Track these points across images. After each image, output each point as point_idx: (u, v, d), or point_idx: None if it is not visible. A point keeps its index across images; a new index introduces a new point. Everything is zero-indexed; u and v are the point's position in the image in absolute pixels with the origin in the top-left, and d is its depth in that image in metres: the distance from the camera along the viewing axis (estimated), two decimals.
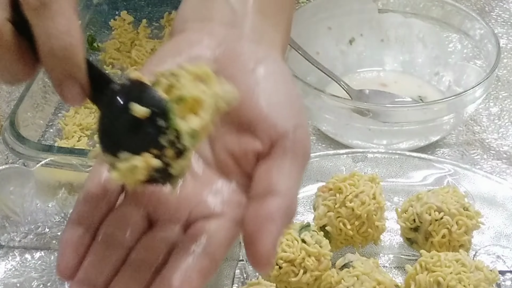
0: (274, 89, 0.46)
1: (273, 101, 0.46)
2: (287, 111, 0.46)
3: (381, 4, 0.92)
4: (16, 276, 0.68)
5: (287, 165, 0.44)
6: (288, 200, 0.42)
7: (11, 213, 0.71)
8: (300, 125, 0.45)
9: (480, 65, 0.85)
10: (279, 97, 0.46)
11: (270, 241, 0.40)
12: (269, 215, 0.41)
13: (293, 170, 0.44)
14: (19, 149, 0.74)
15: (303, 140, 0.45)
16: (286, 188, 0.43)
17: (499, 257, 0.68)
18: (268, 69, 0.47)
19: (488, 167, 0.79)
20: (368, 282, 0.60)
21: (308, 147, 0.46)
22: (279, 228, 0.41)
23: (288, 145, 0.44)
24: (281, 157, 0.44)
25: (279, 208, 0.42)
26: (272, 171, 0.43)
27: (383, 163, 0.74)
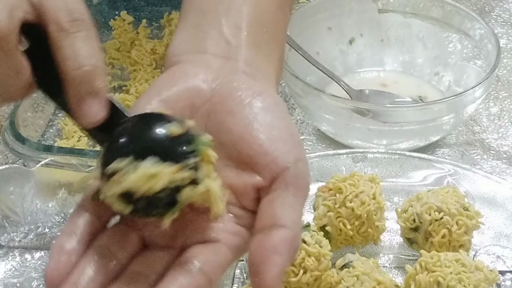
0: (272, 123, 0.47)
1: (272, 136, 0.46)
2: (286, 145, 0.46)
3: (381, 4, 0.92)
4: (16, 276, 0.68)
5: (290, 198, 0.45)
6: (293, 233, 0.43)
7: (11, 213, 0.71)
8: (300, 158, 0.46)
9: (480, 65, 0.85)
10: (277, 131, 0.46)
11: (276, 272, 0.41)
12: (274, 247, 0.42)
13: (296, 202, 0.45)
14: (19, 149, 0.74)
15: (304, 173, 0.46)
16: (290, 221, 0.43)
17: (499, 257, 0.68)
18: (265, 103, 0.47)
19: (488, 167, 0.79)
20: (368, 282, 0.60)
21: (309, 180, 0.46)
22: (284, 260, 0.42)
23: (290, 179, 0.45)
24: (284, 191, 0.45)
25: (284, 240, 0.42)
26: (276, 205, 0.44)
27: (383, 163, 0.74)
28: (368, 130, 0.78)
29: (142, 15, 0.99)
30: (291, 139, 0.47)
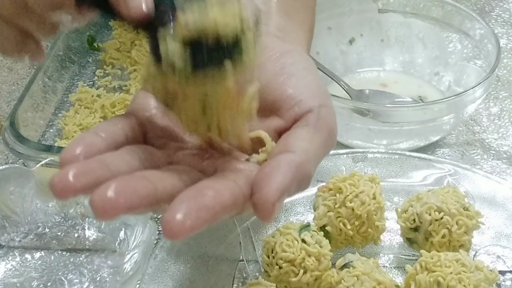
0: (299, 73, 0.47)
1: (298, 83, 0.46)
2: (312, 91, 0.46)
3: (381, 4, 0.92)
4: (16, 276, 0.68)
5: (307, 134, 0.44)
6: (300, 158, 0.42)
7: (11, 213, 0.71)
8: (325, 105, 0.46)
9: (480, 65, 0.85)
10: (304, 80, 0.47)
11: (275, 187, 0.40)
12: (277, 166, 0.41)
13: (312, 139, 0.44)
14: (19, 149, 0.74)
15: (328, 119, 0.45)
16: (301, 149, 0.43)
17: (499, 257, 0.68)
18: (293, 59, 0.48)
19: (488, 167, 0.79)
20: (368, 282, 0.60)
21: (334, 127, 0.46)
22: (286, 178, 0.40)
23: (311, 120, 0.44)
24: (302, 128, 0.44)
25: (290, 161, 0.41)
26: (290, 137, 0.44)
27: (383, 163, 0.74)
28: (368, 130, 0.78)
29: None
30: (317, 88, 0.47)
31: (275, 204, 0.40)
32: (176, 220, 0.37)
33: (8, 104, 0.88)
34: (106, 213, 0.37)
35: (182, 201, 0.38)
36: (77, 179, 0.38)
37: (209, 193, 0.39)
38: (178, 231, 0.37)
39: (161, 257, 0.65)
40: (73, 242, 0.70)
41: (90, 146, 0.41)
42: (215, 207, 0.39)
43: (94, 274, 0.67)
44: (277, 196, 0.40)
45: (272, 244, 0.62)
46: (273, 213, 0.40)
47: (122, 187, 0.37)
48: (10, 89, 0.90)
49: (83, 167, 0.39)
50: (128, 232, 0.69)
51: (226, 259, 0.67)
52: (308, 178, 0.43)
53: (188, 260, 0.66)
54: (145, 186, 0.38)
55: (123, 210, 0.37)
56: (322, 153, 0.45)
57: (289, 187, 0.41)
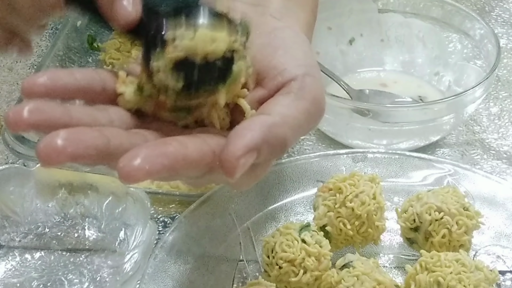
0: (287, 46, 0.47)
1: (284, 54, 0.46)
2: (298, 61, 0.45)
3: (381, 4, 0.92)
4: (16, 276, 0.68)
5: (286, 100, 0.43)
6: (275, 119, 0.41)
7: (11, 213, 0.71)
8: (311, 74, 0.45)
9: (480, 65, 0.85)
10: (291, 51, 0.46)
11: (242, 143, 0.39)
12: (248, 125, 0.41)
13: (293, 105, 0.43)
14: (19, 149, 0.74)
15: (313, 88, 0.44)
16: (276, 112, 0.42)
17: (499, 257, 0.68)
18: (285, 33, 0.48)
19: (488, 167, 0.79)
20: (368, 282, 0.60)
21: (319, 97, 0.45)
22: (255, 136, 0.40)
23: (293, 87, 0.44)
24: (283, 95, 0.44)
25: (262, 121, 0.41)
26: (269, 103, 0.43)
27: (383, 163, 0.74)
28: (368, 130, 0.78)
29: None
30: (304, 58, 0.46)
31: (240, 159, 0.39)
32: (133, 164, 0.36)
33: (8, 104, 0.87)
34: (51, 160, 0.36)
35: (141, 148, 0.37)
36: (31, 114, 0.37)
37: (172, 143, 0.38)
38: (134, 175, 0.36)
39: (161, 257, 0.65)
40: (73, 242, 0.70)
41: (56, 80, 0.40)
42: (177, 156, 0.38)
43: (94, 274, 0.67)
44: (242, 151, 0.39)
45: (272, 244, 0.62)
46: (237, 168, 0.39)
47: (72, 135, 0.37)
48: (10, 89, 0.90)
49: (41, 104, 0.38)
50: (128, 232, 0.69)
51: (226, 259, 0.67)
52: (283, 142, 0.42)
53: (188, 260, 0.66)
54: (97, 138, 0.37)
55: (68, 159, 0.36)
56: (304, 120, 0.44)
57: (259, 146, 0.40)
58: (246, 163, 0.39)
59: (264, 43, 0.47)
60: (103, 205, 0.71)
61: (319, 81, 0.46)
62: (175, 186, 0.75)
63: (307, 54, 0.47)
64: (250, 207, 0.71)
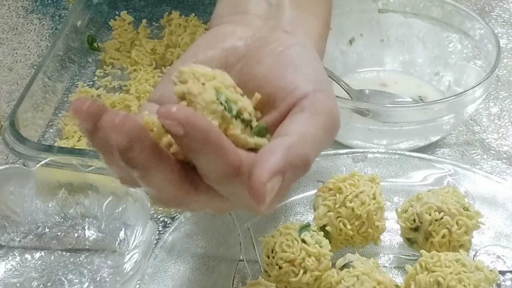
0: (298, 63, 0.46)
1: (294, 72, 0.45)
2: (307, 77, 0.45)
3: (381, 4, 0.92)
4: (16, 276, 0.68)
5: (301, 118, 0.43)
6: (293, 139, 0.41)
7: (11, 213, 0.71)
8: (321, 90, 0.45)
9: (480, 65, 0.85)
10: (301, 68, 0.46)
11: (265, 168, 0.39)
12: (268, 149, 0.40)
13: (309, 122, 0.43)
14: (19, 149, 0.74)
15: (325, 102, 0.44)
16: (293, 131, 0.42)
17: (499, 257, 0.68)
18: (295, 51, 0.47)
19: (488, 167, 0.79)
20: (368, 282, 0.60)
21: (333, 110, 0.44)
22: (278, 159, 0.40)
23: (306, 105, 0.43)
24: (297, 114, 0.43)
25: (281, 143, 0.41)
26: (284, 124, 0.43)
27: (383, 163, 0.74)
28: (368, 130, 0.78)
29: (142, 15, 0.99)
30: (314, 74, 0.46)
31: (267, 185, 0.39)
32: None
33: (8, 104, 0.87)
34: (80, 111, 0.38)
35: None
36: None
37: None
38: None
39: (161, 257, 0.65)
40: (73, 242, 0.70)
41: None
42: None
43: (94, 274, 0.67)
44: (268, 176, 0.39)
45: (272, 244, 0.62)
46: (266, 194, 0.39)
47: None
48: (10, 89, 0.90)
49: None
50: (128, 232, 0.69)
51: (226, 259, 0.67)
52: (305, 160, 0.42)
53: (188, 260, 0.66)
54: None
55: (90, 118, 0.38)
56: (322, 135, 0.43)
57: (283, 168, 0.40)
58: (274, 187, 0.39)
59: (273, 63, 0.46)
60: (103, 205, 0.71)
61: (331, 95, 0.46)
62: None
63: (317, 69, 0.47)
64: None
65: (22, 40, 0.97)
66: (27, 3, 1.03)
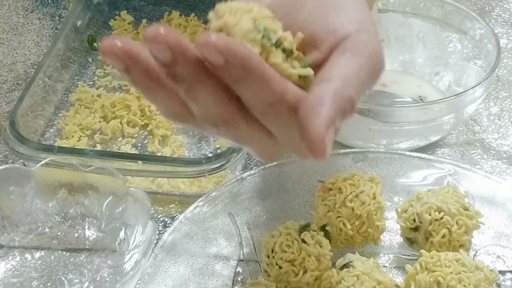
0: (340, 4, 0.46)
1: (336, 13, 0.45)
2: (350, 18, 0.45)
3: (381, 4, 0.91)
4: (16, 276, 0.68)
5: (343, 60, 0.43)
6: (337, 84, 0.41)
7: (11, 213, 0.71)
8: (364, 30, 0.44)
9: (480, 65, 0.85)
10: (343, 8, 0.46)
11: (320, 122, 0.39)
12: (318, 99, 0.40)
13: (351, 63, 0.43)
14: (19, 149, 0.74)
15: (368, 43, 0.44)
16: (336, 75, 0.42)
17: (499, 257, 0.68)
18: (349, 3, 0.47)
19: (488, 167, 0.79)
20: (368, 282, 0.60)
21: (377, 50, 0.44)
22: (329, 109, 0.40)
23: (347, 46, 0.43)
24: (339, 55, 0.43)
25: (328, 90, 0.41)
26: (326, 67, 0.42)
27: (383, 163, 0.74)
28: (368, 130, 0.78)
29: (142, 15, 0.98)
30: (357, 14, 0.46)
31: (325, 139, 0.39)
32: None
33: (8, 104, 0.87)
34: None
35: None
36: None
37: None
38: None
39: (161, 257, 0.65)
40: (73, 242, 0.70)
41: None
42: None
43: (94, 274, 0.67)
44: (324, 130, 0.39)
45: (272, 244, 0.62)
46: (326, 148, 0.39)
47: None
48: (10, 89, 0.90)
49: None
50: (128, 232, 0.69)
51: (226, 259, 0.67)
52: (351, 103, 0.42)
53: (188, 260, 0.66)
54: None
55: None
56: (365, 75, 0.43)
57: (333, 117, 0.40)
58: (330, 138, 0.40)
59: (315, 6, 0.46)
60: (103, 205, 0.71)
61: (374, 36, 0.45)
62: (175, 186, 0.75)
63: (360, 11, 0.47)
64: (250, 207, 0.71)
65: (22, 40, 0.97)
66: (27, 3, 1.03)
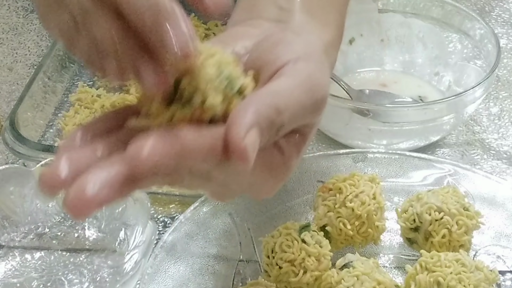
0: (290, 40, 0.47)
1: (284, 46, 0.46)
2: (293, 50, 0.46)
3: (381, 4, 0.92)
4: (16, 276, 0.68)
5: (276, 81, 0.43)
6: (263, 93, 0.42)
7: (11, 213, 0.71)
8: (305, 59, 0.45)
9: (480, 65, 0.85)
10: (292, 44, 0.47)
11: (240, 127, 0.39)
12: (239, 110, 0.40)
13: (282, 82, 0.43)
14: (19, 149, 0.74)
15: (306, 69, 0.44)
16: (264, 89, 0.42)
17: (499, 257, 0.68)
18: (300, 41, 0.48)
19: (488, 167, 0.79)
20: (368, 282, 0.60)
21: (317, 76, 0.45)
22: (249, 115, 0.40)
23: (284, 70, 0.44)
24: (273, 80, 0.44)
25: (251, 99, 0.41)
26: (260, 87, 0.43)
27: (383, 163, 0.74)
28: (368, 130, 0.78)
29: None
30: (304, 46, 0.47)
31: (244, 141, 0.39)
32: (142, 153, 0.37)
33: (8, 104, 0.87)
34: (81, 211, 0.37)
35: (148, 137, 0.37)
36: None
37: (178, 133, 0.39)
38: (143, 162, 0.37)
39: (161, 257, 0.65)
40: (73, 242, 0.70)
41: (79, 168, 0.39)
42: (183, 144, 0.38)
43: (94, 274, 0.67)
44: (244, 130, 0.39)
45: (272, 244, 0.62)
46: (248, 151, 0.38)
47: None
48: (10, 89, 0.90)
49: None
50: (128, 232, 0.69)
51: (226, 259, 0.67)
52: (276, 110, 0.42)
53: (188, 260, 0.66)
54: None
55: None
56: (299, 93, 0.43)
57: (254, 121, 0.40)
58: (254, 141, 0.39)
59: (269, 45, 0.48)
60: None
61: (317, 65, 0.46)
62: None
63: (309, 45, 0.47)
64: (250, 207, 0.71)
65: (22, 40, 0.97)
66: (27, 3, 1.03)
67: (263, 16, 0.52)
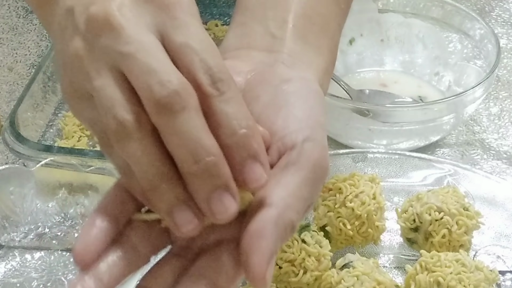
0: (293, 103, 0.46)
1: (287, 114, 0.45)
2: (299, 124, 0.45)
3: (381, 4, 0.92)
4: (16, 276, 0.68)
5: (287, 176, 0.43)
6: (279, 210, 0.41)
7: (11, 213, 0.71)
8: (311, 139, 0.44)
9: (480, 65, 0.85)
10: (295, 110, 0.45)
11: (262, 258, 0.40)
12: (259, 230, 0.40)
13: (292, 181, 0.43)
14: (19, 149, 0.74)
15: (312, 154, 0.44)
16: (279, 199, 0.42)
17: (499, 257, 0.68)
18: (294, 86, 0.47)
19: (488, 167, 0.79)
20: (368, 282, 0.60)
21: (320, 160, 0.45)
22: (270, 243, 0.40)
23: (292, 158, 0.43)
24: (282, 170, 0.43)
25: (270, 221, 0.41)
26: (270, 184, 0.42)
27: (383, 163, 0.74)
28: (368, 130, 0.78)
29: None
30: (308, 119, 0.45)
31: (266, 275, 0.40)
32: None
33: (8, 104, 0.87)
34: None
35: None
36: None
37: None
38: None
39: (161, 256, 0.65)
40: (73, 242, 0.70)
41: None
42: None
43: None
44: (264, 266, 0.40)
45: None
46: (267, 282, 0.40)
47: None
48: (10, 89, 0.90)
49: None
50: None
51: None
52: (292, 227, 0.42)
53: None
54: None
55: None
56: (307, 190, 0.43)
57: (274, 249, 0.41)
58: (271, 270, 0.40)
59: (268, 101, 0.46)
60: None
61: (320, 143, 0.45)
62: None
63: (312, 110, 0.46)
64: None
65: (22, 40, 0.97)
66: None
67: (254, 45, 0.51)
